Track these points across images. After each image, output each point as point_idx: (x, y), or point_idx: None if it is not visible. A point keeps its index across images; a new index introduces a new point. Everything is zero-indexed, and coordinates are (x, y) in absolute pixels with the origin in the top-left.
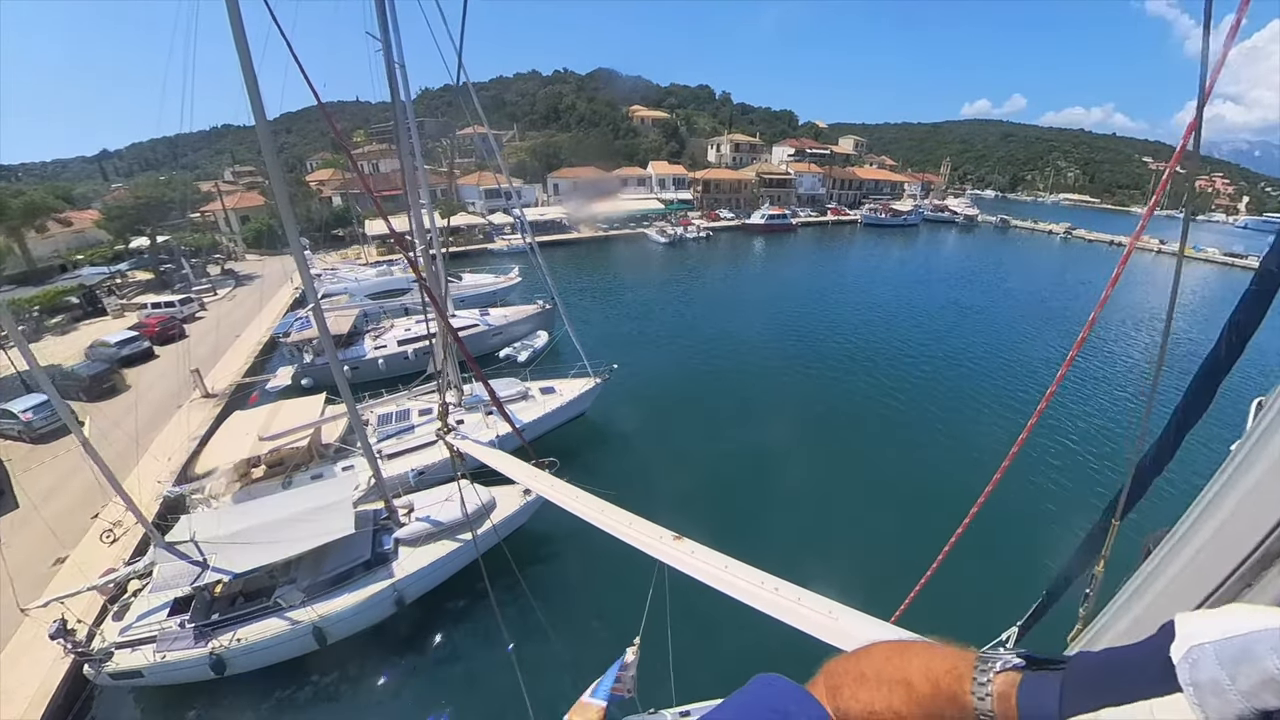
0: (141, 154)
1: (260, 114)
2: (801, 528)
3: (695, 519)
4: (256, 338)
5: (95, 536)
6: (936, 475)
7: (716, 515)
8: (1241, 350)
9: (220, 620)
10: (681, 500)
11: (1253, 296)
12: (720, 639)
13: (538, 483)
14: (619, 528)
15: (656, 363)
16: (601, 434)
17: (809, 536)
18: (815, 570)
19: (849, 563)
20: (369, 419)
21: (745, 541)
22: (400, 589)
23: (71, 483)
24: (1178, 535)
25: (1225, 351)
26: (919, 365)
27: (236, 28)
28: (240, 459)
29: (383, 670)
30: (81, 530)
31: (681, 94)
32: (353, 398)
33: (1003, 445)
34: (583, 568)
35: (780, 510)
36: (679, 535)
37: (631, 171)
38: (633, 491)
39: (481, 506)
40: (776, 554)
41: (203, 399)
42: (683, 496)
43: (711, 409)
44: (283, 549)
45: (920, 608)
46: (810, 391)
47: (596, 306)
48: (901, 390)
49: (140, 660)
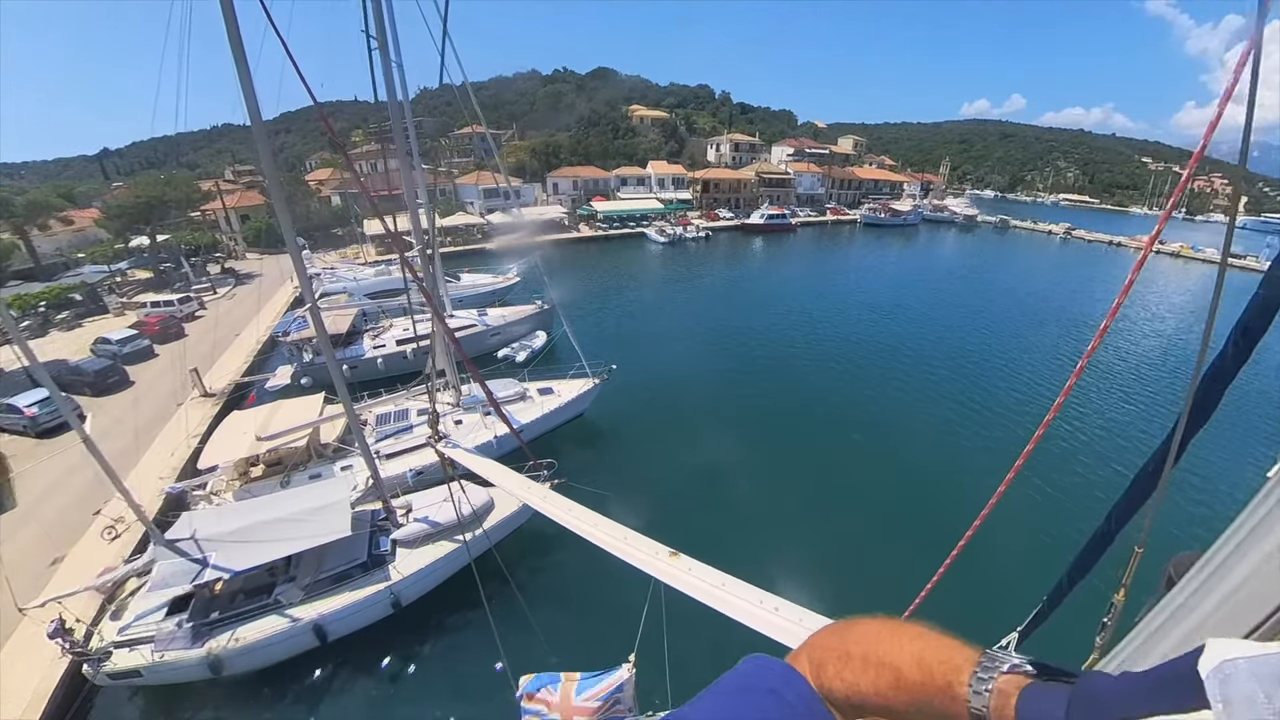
0: (142, 153)
1: (255, 114)
2: (797, 530)
3: (693, 522)
4: (256, 337)
5: (96, 533)
6: (938, 480)
7: (714, 519)
8: (1249, 354)
9: (219, 619)
10: (680, 502)
11: (1261, 301)
12: (721, 656)
13: (530, 495)
14: (614, 544)
15: (655, 363)
16: (600, 434)
17: (803, 538)
18: (810, 575)
19: (843, 566)
20: (367, 419)
21: (742, 545)
22: (397, 591)
23: (74, 479)
24: (1212, 565)
25: (1232, 356)
26: (917, 365)
27: (231, 27)
28: (239, 458)
29: (380, 670)
30: (83, 527)
31: (681, 93)
32: (350, 398)
33: (1006, 449)
34: (581, 570)
35: (778, 512)
36: (675, 552)
37: (631, 171)
38: (631, 492)
39: (479, 508)
40: (772, 556)
41: (202, 398)
42: (681, 499)
43: (710, 409)
44: (282, 548)
45: (920, 613)
46: (809, 390)
47: (595, 306)
48: (900, 390)
49: (138, 660)
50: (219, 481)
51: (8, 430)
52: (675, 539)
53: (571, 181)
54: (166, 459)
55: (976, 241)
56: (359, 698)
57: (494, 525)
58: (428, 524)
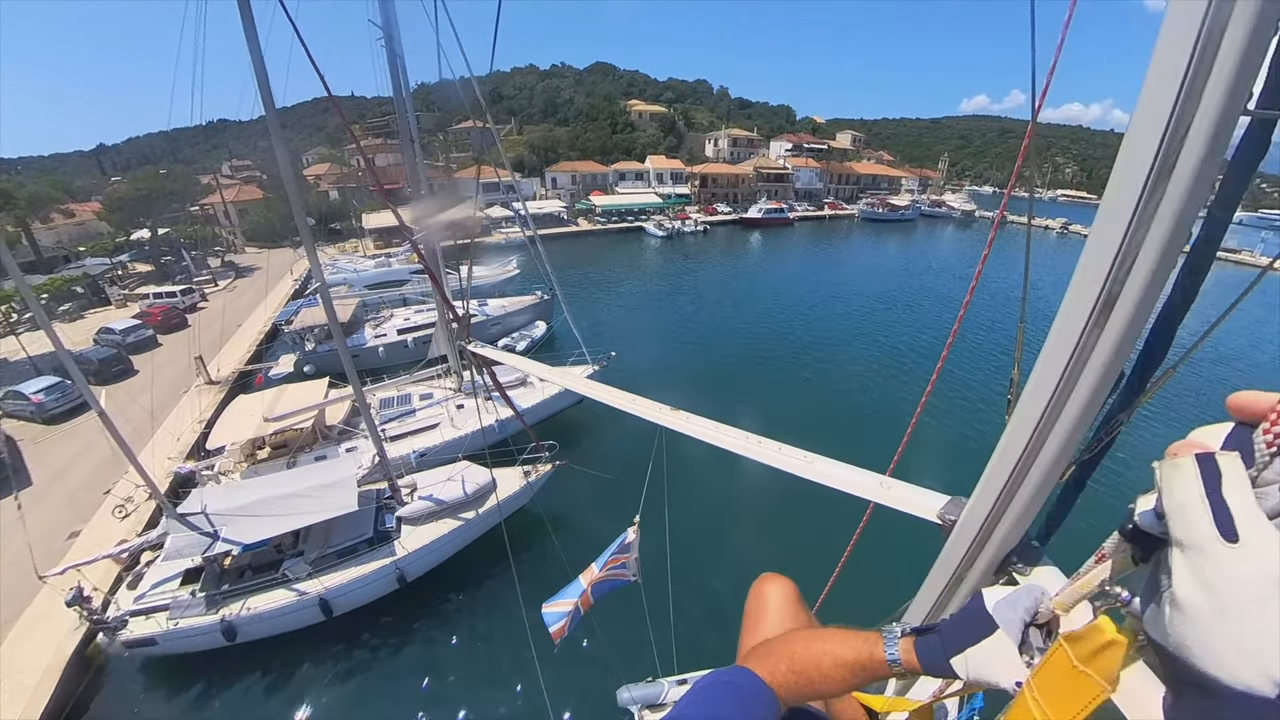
0: (139, 149)
1: (270, 104)
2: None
3: (690, 510)
4: (258, 327)
5: (107, 512)
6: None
7: (710, 499)
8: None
9: (230, 590)
10: (676, 489)
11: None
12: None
13: (565, 380)
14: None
15: (653, 352)
16: (599, 419)
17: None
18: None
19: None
20: (371, 403)
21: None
22: (402, 566)
23: (83, 461)
24: (962, 522)
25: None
26: (911, 357)
27: (247, 20)
28: (247, 439)
29: (386, 644)
30: (94, 506)
31: (680, 88)
32: (359, 379)
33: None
34: (582, 552)
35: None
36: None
37: (629, 165)
38: (628, 474)
39: (483, 486)
40: (767, 552)
41: (206, 385)
42: (676, 486)
43: (706, 397)
44: (290, 522)
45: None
46: (804, 381)
47: (594, 299)
48: (892, 378)
49: (154, 627)
50: (226, 462)
51: (16, 416)
52: (674, 515)
53: (570, 176)
54: (173, 443)
55: (973, 236)
56: (367, 666)
57: (499, 503)
58: (433, 501)
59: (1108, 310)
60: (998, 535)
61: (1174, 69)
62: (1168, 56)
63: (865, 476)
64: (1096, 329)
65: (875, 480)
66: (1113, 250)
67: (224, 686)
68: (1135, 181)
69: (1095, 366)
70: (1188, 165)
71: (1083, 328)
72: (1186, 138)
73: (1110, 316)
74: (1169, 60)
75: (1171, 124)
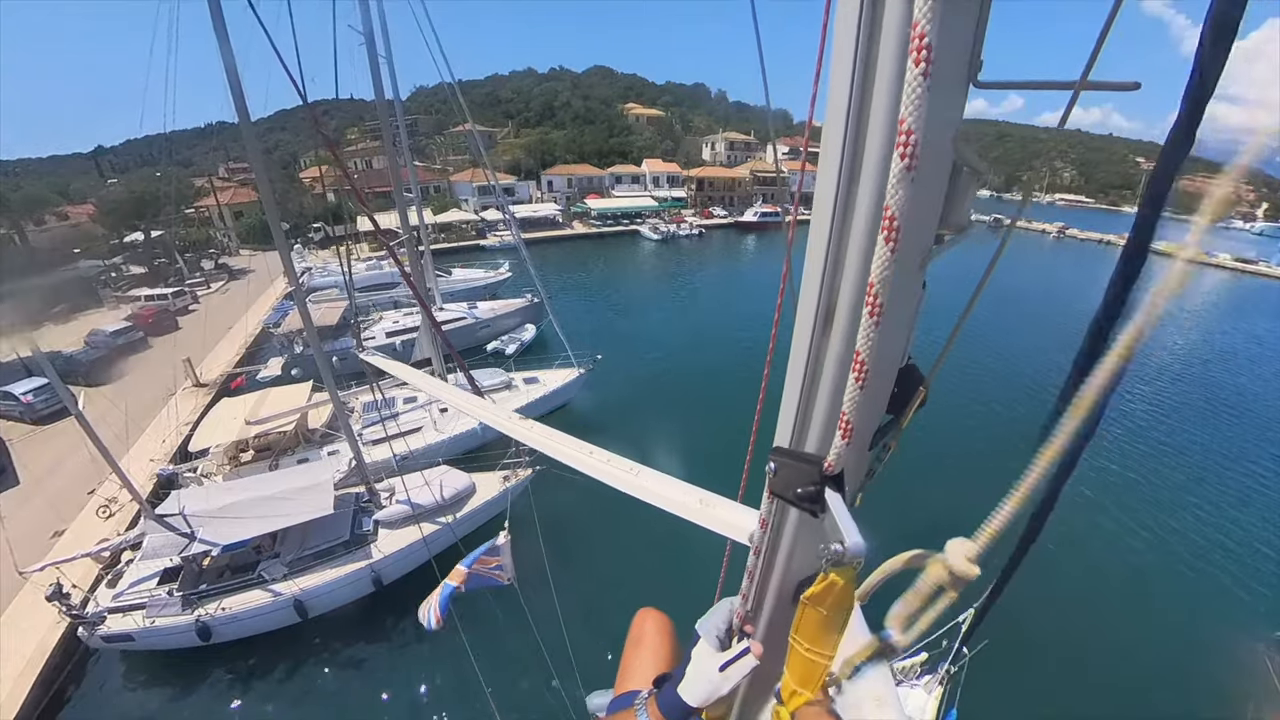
0: (137, 150)
1: (243, 111)
2: None
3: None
4: (248, 329)
5: (92, 512)
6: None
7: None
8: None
9: (207, 590)
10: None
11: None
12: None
13: (430, 387)
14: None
15: (645, 355)
16: (586, 423)
17: None
18: None
19: None
20: (354, 406)
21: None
22: (378, 569)
23: (69, 462)
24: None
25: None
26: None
27: (218, 24)
28: (229, 442)
29: (359, 646)
30: (79, 506)
31: (677, 91)
32: (335, 384)
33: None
34: (562, 555)
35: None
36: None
37: (626, 169)
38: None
39: (461, 491)
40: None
41: (194, 387)
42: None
43: (696, 400)
44: (266, 524)
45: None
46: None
47: (587, 302)
48: None
49: (131, 624)
50: (209, 465)
51: (5, 417)
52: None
53: (566, 179)
54: (158, 445)
55: (969, 240)
56: (339, 668)
57: (476, 508)
58: (409, 506)
59: (829, 319)
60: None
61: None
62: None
63: (686, 494)
64: (824, 337)
65: (695, 497)
66: (823, 255)
67: (199, 681)
68: (830, 185)
69: (827, 378)
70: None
71: (810, 334)
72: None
73: (832, 324)
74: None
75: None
